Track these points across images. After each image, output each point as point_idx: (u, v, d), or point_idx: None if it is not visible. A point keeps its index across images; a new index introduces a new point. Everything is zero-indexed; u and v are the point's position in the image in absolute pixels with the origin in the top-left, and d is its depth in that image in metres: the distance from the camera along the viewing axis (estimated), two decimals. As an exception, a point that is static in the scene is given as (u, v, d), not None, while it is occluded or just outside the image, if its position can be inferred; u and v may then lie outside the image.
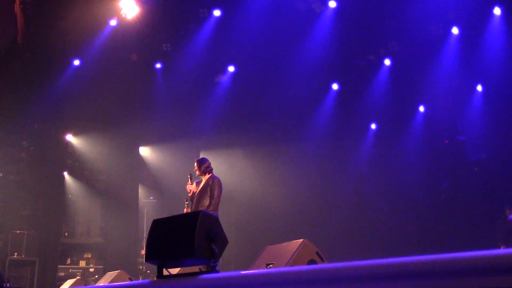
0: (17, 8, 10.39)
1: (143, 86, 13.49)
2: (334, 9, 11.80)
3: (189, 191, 7.20)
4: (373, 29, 12.01)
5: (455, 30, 12.04)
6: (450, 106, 13.11)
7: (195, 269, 3.97)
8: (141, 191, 14.77)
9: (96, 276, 12.23)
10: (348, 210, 13.62)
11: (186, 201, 7.15)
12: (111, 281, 6.84)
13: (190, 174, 7.22)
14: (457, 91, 12.84)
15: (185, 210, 7.09)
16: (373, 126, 14.67)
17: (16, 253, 11.70)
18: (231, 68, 13.44)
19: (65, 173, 13.60)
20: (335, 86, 14.06)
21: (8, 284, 6.34)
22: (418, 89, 13.34)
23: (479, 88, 12.96)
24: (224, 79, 13.68)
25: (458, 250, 1.82)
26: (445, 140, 13.49)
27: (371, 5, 11.51)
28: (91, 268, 12.93)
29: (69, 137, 13.61)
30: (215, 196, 6.92)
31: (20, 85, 12.23)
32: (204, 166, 7.19)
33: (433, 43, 12.19)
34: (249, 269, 4.27)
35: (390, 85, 13.31)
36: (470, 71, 12.43)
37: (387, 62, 13.17)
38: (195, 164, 7.26)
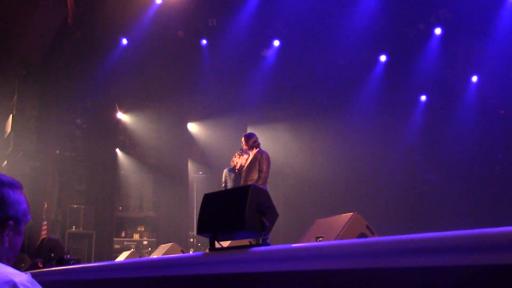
0: (67, -11, 10.64)
1: (190, 63, 13.61)
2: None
3: (235, 163, 7.30)
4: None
5: (511, -5, 11.47)
6: (505, 75, 12.55)
7: (246, 242, 4.04)
8: (190, 166, 15.04)
9: (150, 249, 12.64)
10: (398, 183, 13.41)
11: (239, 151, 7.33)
12: (165, 253, 7.04)
13: (241, 149, 7.31)
14: (513, 59, 12.29)
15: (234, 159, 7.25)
16: (423, 98, 14.29)
17: (74, 227, 12.27)
18: (276, 42, 13.34)
19: (117, 150, 14.01)
20: (383, 58, 13.72)
21: (68, 256, 6.65)
22: (471, 58, 12.83)
23: (537, 55, 12.36)
24: (270, 53, 13.61)
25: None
26: (501, 111, 12.98)
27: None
28: (145, 241, 13.38)
29: (120, 115, 13.96)
30: (264, 170, 6.99)
31: (72, 65, 12.59)
32: (251, 140, 7.25)
33: (487, 9, 11.64)
34: (299, 242, 4.31)
35: (441, 55, 12.85)
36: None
37: (437, 31, 12.67)
38: (243, 139, 7.33)
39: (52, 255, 6.22)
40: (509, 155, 12.91)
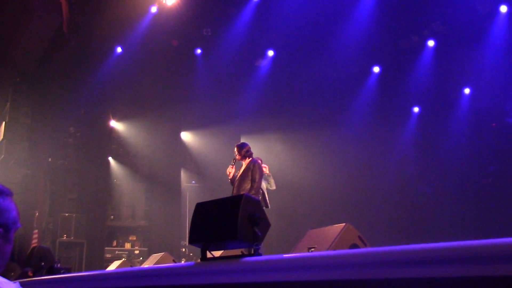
0: (62, -3, 10.65)
1: (184, 72, 13.64)
2: (375, -11, 11.56)
3: (228, 173, 7.29)
4: (416, 8, 11.69)
5: (503, 8, 11.57)
6: (498, 88, 12.64)
7: (237, 252, 4.03)
8: (183, 176, 15.02)
9: (141, 258, 12.57)
10: (391, 194, 13.43)
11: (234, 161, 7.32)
12: (156, 263, 7.01)
13: (234, 159, 7.31)
14: (505, 72, 12.37)
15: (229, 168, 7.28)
16: (415, 109, 14.36)
17: (65, 235, 12.17)
18: (270, 53, 13.39)
19: (110, 158, 13.96)
20: (376, 69, 13.81)
21: (58, 265, 6.59)
22: (464, 70, 12.91)
23: (529, 68, 12.47)
24: (264, 63, 13.66)
25: (504, 236, 1.79)
26: (492, 123, 13.05)
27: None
28: (136, 250, 13.30)
29: (113, 123, 13.94)
30: (257, 180, 6.99)
31: (66, 73, 12.58)
32: (244, 150, 7.26)
33: (480, 22, 11.75)
34: (291, 253, 4.30)
35: (434, 67, 12.94)
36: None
37: (430, 43, 12.78)
38: (235, 149, 7.33)
39: (43, 264, 6.16)
40: (501, 167, 12.97)
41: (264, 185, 7.51)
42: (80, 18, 11.58)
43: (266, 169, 7.65)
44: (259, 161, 7.44)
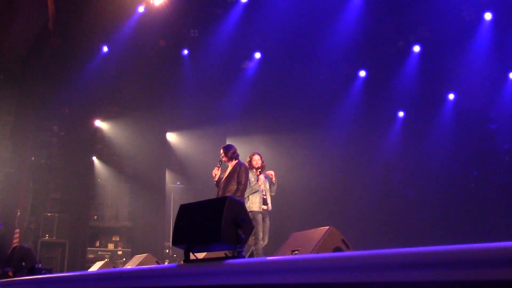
0: (48, -6, 10.54)
1: (170, 72, 13.58)
2: (363, -6, 11.63)
3: (214, 175, 7.26)
4: (402, 14, 11.78)
5: (488, 16, 11.72)
6: (481, 94, 12.80)
7: (221, 254, 4.01)
8: (168, 176, 14.95)
9: (124, 259, 12.48)
10: (375, 198, 13.51)
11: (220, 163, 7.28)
12: (139, 264, 6.97)
13: (221, 161, 7.27)
14: (489, 79, 12.53)
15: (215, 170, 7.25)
16: (400, 114, 14.48)
17: (47, 235, 12.03)
18: (257, 55, 13.41)
19: (94, 158, 13.85)
20: (362, 73, 13.90)
21: (39, 265, 6.51)
22: (448, 76, 13.06)
23: (512, 75, 12.65)
24: (251, 65, 13.66)
25: (487, 241, 1.80)
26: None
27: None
28: (119, 251, 13.19)
29: (98, 122, 13.83)
30: (242, 182, 6.97)
31: (51, 71, 12.46)
32: (230, 152, 7.25)
33: (465, 29, 11.89)
34: (275, 255, 4.30)
35: (419, 72, 13.06)
36: (503, 59, 12.11)
37: (416, 48, 12.91)
38: (222, 150, 7.31)
39: (23, 264, 6.09)
40: (484, 172, 13.12)
41: (267, 188, 7.60)
42: (66, 16, 11.47)
43: (272, 176, 7.77)
44: (257, 160, 7.51)
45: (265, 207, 7.41)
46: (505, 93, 12.73)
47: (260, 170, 7.51)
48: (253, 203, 7.28)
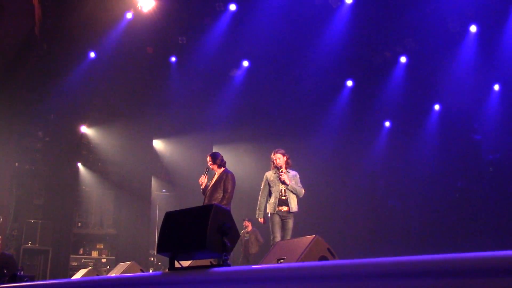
0: (34, 0, 10.47)
1: (157, 79, 13.55)
2: (350, 4, 11.72)
3: (200, 183, 7.21)
4: (389, 25, 11.92)
5: (473, 28, 11.89)
6: (466, 105, 12.96)
7: (206, 262, 3.99)
8: (154, 184, 14.86)
9: (108, 267, 12.34)
10: (360, 207, 13.56)
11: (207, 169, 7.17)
12: (123, 272, 6.89)
13: (208, 168, 7.21)
14: (474, 90, 12.70)
15: (202, 178, 7.11)
16: (387, 124, 14.58)
17: (30, 242, 11.86)
18: (245, 63, 13.44)
19: (79, 164, 13.72)
20: (349, 83, 13.98)
21: (21, 272, 6.42)
22: (434, 87, 13.21)
23: (496, 87, 12.81)
24: (238, 74, 13.68)
25: (470, 250, 1.81)
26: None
27: (388, 2, 11.41)
28: (103, 258, 13.06)
29: (84, 129, 13.72)
30: (229, 190, 6.94)
31: (36, 76, 12.34)
32: (218, 159, 7.21)
33: (451, 41, 12.06)
34: (260, 264, 4.28)
35: (405, 82, 13.19)
36: (487, 70, 12.28)
37: (403, 59, 13.05)
38: (209, 158, 7.25)
39: (5, 271, 6.00)
40: (468, 183, 13.25)
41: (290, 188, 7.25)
42: (53, 21, 11.40)
43: (283, 175, 7.26)
44: (278, 159, 7.25)
45: (284, 208, 7.05)
46: (489, 104, 12.90)
47: (281, 169, 7.18)
48: (268, 204, 7.17)
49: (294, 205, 7.11)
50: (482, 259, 1.67)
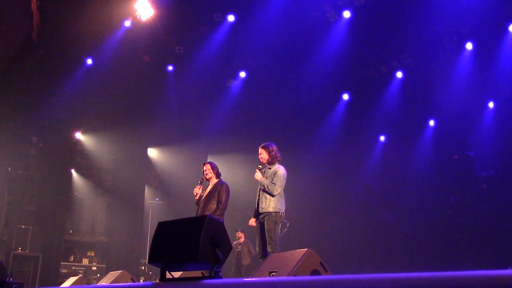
0: (33, 5, 10.49)
1: (154, 88, 13.55)
2: (348, 19, 11.80)
3: (195, 194, 7.17)
4: (386, 41, 12.00)
5: (469, 46, 11.98)
6: (461, 122, 13.03)
7: (198, 273, 3.96)
8: (147, 192, 14.80)
9: (98, 275, 12.23)
10: (354, 221, 13.54)
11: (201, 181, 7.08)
12: (113, 281, 6.83)
13: (202, 179, 7.17)
14: (469, 107, 12.77)
15: (196, 189, 7.01)
16: (382, 138, 14.62)
17: (20, 248, 11.74)
18: (242, 74, 13.47)
19: (73, 171, 13.66)
20: (345, 97, 14.03)
21: (10, 279, 6.34)
22: (429, 103, 13.28)
23: (491, 105, 12.89)
24: (235, 84, 13.70)
25: (463, 268, 1.80)
26: (455, 155, 13.38)
27: (385, 17, 11.49)
28: (94, 266, 12.96)
29: (78, 135, 13.68)
30: (223, 201, 6.90)
31: (32, 81, 12.32)
32: (216, 170, 7.21)
33: (446, 57, 12.15)
34: (252, 276, 4.26)
35: (401, 97, 13.26)
36: (483, 87, 12.37)
37: (399, 74, 13.12)
38: (209, 166, 7.19)
39: (-6, 277, 5.92)
40: (462, 199, 13.26)
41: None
42: (51, 27, 11.40)
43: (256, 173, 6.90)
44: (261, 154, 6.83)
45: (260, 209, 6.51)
46: (484, 121, 12.96)
47: (260, 165, 6.73)
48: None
49: (265, 204, 6.50)
50: (475, 278, 1.66)
